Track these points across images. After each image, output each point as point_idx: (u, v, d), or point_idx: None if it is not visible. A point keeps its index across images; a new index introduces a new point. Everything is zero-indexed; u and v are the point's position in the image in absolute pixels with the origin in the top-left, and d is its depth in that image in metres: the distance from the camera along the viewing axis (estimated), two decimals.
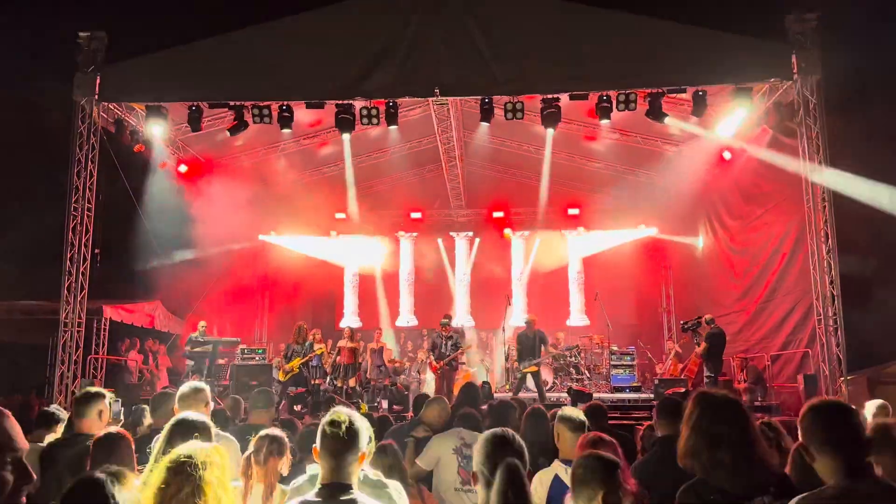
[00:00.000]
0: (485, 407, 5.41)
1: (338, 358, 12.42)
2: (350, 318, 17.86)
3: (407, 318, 18.02)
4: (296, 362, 11.48)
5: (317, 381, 12.20)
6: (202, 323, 12.19)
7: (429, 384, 13.32)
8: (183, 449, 2.17)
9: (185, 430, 2.79)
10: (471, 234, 18.24)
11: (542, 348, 11.18)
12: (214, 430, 3.00)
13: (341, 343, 12.47)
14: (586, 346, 14.28)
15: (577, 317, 17.59)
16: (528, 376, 11.25)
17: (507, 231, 17.73)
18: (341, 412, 2.45)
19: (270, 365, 12.46)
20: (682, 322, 12.34)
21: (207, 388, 3.77)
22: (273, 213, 16.39)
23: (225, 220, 13.31)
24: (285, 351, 11.79)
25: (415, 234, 18.21)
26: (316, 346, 12.09)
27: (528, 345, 11.17)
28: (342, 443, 2.38)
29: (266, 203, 15.56)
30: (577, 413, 3.81)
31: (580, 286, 17.76)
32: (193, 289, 13.62)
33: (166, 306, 14.18)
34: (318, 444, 2.43)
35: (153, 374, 13.30)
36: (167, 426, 2.87)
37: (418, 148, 15.09)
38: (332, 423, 2.41)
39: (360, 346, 12.65)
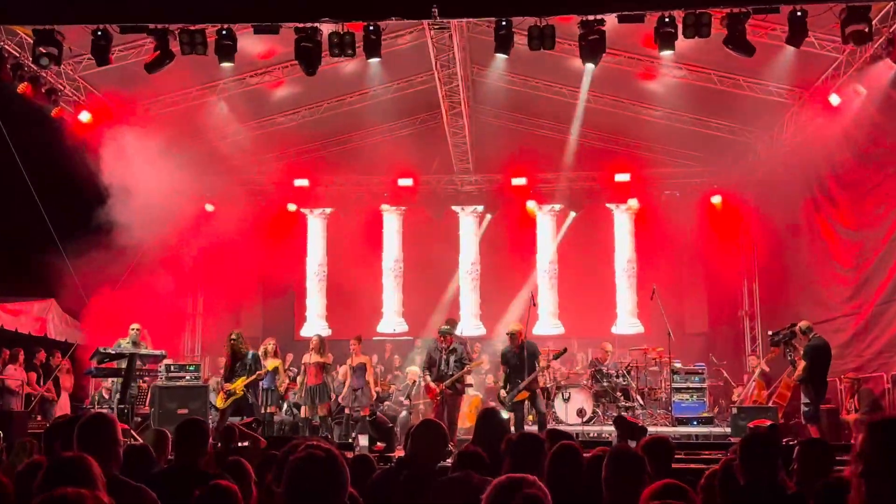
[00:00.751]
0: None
1: (302, 378, 12.45)
2: (316, 324, 17.91)
3: (393, 324, 18.10)
4: (239, 383, 11.49)
5: (270, 410, 12.39)
6: (135, 326, 12.26)
7: (423, 415, 13.36)
8: (51, 496, 2.20)
9: (62, 474, 2.81)
10: (481, 208, 18.26)
11: (536, 366, 11.32)
12: (112, 476, 3.08)
13: (307, 358, 12.47)
14: (639, 362, 14.26)
15: (627, 322, 17.73)
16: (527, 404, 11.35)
17: (531, 204, 17.78)
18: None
19: (206, 386, 12.62)
20: (770, 333, 12.39)
21: (115, 417, 3.87)
22: (209, 179, 16.36)
23: (143, 187, 13.26)
24: (225, 369, 11.88)
25: (403, 207, 18.20)
26: (268, 362, 12.15)
27: (515, 364, 11.27)
28: (321, 482, 2.39)
29: (200, 164, 15.46)
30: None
31: (631, 280, 17.88)
32: (100, 282, 13.64)
33: (63, 307, 14.16)
34: (284, 488, 2.47)
35: (51, 400, 13.32)
36: (42, 470, 2.92)
37: (409, 90, 15.05)
38: (308, 458, 2.46)
39: (331, 361, 12.79)
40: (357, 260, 17.81)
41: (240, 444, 6.98)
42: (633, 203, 17.62)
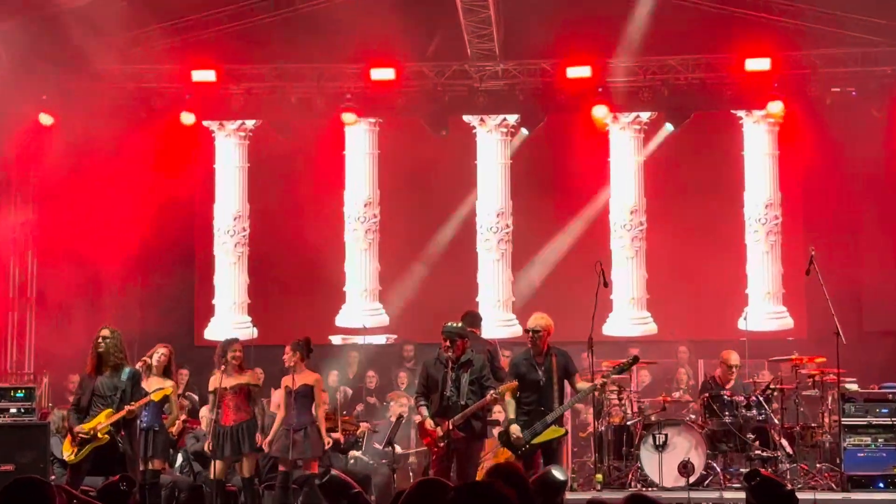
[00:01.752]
0: None
1: (213, 414, 12.82)
2: (230, 319, 18.45)
3: (364, 316, 18.39)
4: (101, 419, 11.33)
5: (154, 466, 12.50)
6: None
7: (416, 473, 14.21)
8: None
9: None
10: (515, 118, 18.31)
11: (568, 385, 11.88)
12: None
13: (222, 381, 12.65)
14: (785, 381, 14.14)
15: (765, 312, 17.95)
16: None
17: (600, 112, 17.56)
18: None
19: (45, 425, 13.18)
20: None
21: None
22: (45, 71, 16.54)
23: None
24: (79, 393, 11.88)
25: (380, 119, 18.60)
26: (152, 383, 12.24)
27: (533, 382, 11.66)
28: None
29: (28, 47, 15.56)
30: None
31: (773, 239, 18.22)
32: None
33: None
34: None
35: None
36: None
37: None
38: None
39: (261, 383, 13.32)
40: (300, 207, 18.03)
41: None
42: (777, 108, 17.22)
